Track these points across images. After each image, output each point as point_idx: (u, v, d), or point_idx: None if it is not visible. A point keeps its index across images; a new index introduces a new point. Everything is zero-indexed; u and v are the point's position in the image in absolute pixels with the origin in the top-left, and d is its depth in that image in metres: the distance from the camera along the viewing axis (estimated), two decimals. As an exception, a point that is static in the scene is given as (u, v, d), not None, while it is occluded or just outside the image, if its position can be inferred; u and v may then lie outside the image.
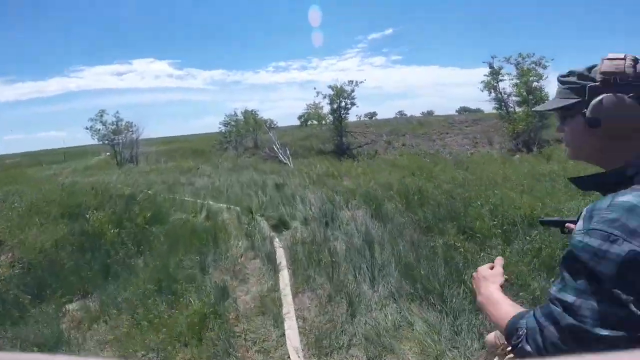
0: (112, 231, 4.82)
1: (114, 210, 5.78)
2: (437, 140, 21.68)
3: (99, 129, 20.33)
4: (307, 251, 4.00)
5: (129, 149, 21.83)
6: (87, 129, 20.26)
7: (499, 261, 0.89)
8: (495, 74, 17.82)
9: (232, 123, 26.33)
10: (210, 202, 7.39)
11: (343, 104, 22.64)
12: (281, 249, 4.36)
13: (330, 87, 22.65)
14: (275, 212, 5.84)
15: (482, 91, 18.42)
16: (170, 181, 10.76)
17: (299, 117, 28.34)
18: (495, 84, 18.05)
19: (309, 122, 26.37)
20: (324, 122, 24.36)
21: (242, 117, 26.57)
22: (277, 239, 4.75)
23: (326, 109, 23.65)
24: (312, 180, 8.62)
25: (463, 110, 39.06)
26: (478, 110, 28.79)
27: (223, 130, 26.78)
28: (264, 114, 35.57)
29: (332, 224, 4.91)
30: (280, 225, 5.27)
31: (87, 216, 5.19)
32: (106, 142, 21.15)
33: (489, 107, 19.74)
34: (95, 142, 21.70)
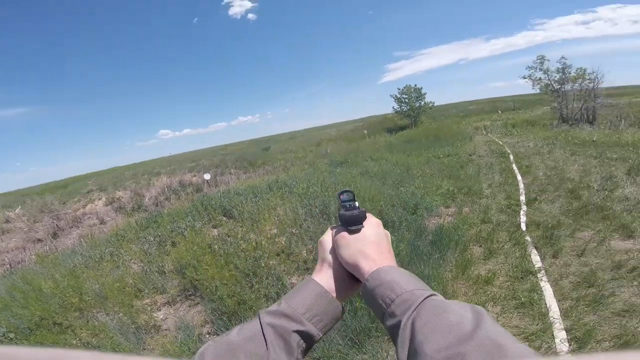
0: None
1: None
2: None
3: (540, 78, 15.75)
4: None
5: (581, 100, 15.61)
6: (524, 78, 16.40)
7: None
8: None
9: None
10: None
11: None
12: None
13: None
14: None
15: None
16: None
17: None
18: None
19: None
20: None
21: None
22: None
23: None
24: None
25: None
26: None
27: None
28: None
29: None
30: None
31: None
32: (549, 91, 16.29)
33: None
34: (537, 91, 17.45)
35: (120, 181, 24.00)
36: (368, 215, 0.62)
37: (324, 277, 0.58)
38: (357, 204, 0.62)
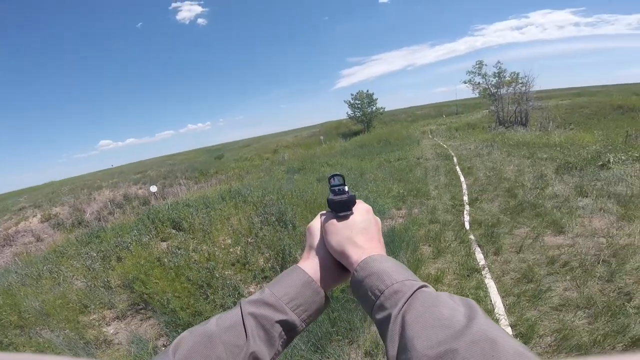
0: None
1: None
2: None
3: (479, 82, 16.98)
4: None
5: (515, 104, 17.04)
6: (465, 82, 17.59)
7: None
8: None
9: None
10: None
11: None
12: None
13: None
14: None
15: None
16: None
17: None
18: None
19: None
20: None
21: None
22: None
23: None
24: None
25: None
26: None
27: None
28: None
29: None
30: None
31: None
32: (487, 95, 17.59)
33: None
34: (477, 95, 18.79)
35: (57, 197, 21.93)
36: (358, 201, 0.59)
37: (311, 265, 0.54)
38: (346, 188, 0.58)
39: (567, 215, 4.29)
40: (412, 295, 0.41)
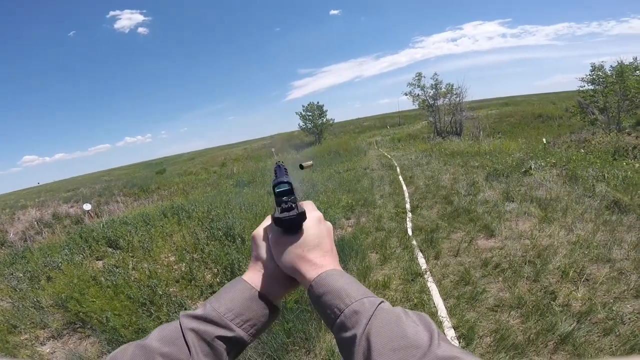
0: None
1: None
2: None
3: (418, 94, 18.12)
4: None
5: (450, 114, 18.42)
6: (405, 94, 18.66)
7: None
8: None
9: (601, 79, 16.26)
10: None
11: None
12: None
13: None
14: None
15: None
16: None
17: None
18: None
19: None
20: None
21: (614, 73, 15.84)
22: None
23: None
24: None
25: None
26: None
27: (586, 89, 17.27)
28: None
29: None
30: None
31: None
32: (426, 107, 18.79)
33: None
34: (416, 107, 20.00)
35: (-29, 218, 18.98)
36: (308, 207, 0.54)
37: (257, 276, 0.52)
38: (296, 198, 0.52)
39: (496, 219, 4.69)
40: (372, 314, 0.41)
